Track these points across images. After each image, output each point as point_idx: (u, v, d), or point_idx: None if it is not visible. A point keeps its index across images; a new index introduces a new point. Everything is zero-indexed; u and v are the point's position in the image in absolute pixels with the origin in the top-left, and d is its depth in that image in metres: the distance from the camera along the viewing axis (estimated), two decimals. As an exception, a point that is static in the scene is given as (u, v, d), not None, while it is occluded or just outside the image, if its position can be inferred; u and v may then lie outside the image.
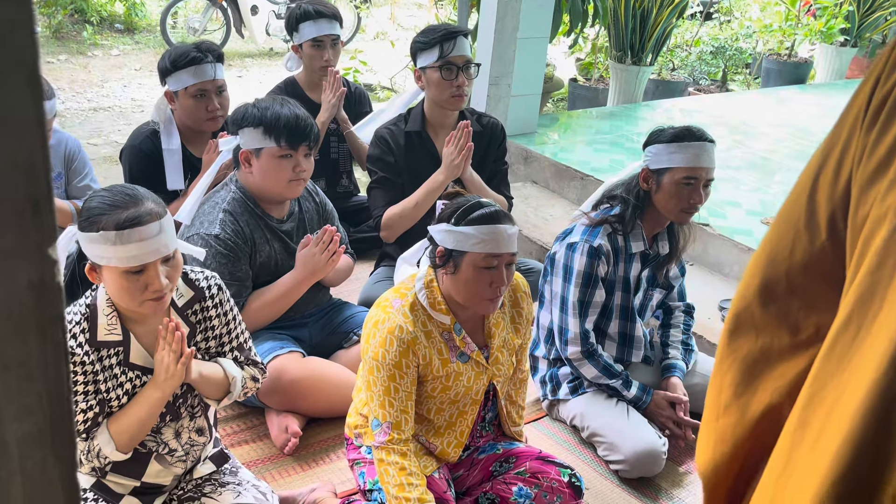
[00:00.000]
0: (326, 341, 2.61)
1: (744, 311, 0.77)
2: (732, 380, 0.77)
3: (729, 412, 0.77)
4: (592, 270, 2.37)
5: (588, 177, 4.19)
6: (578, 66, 6.91)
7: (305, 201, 2.60)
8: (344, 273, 2.70)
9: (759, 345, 0.76)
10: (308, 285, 2.47)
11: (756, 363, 0.76)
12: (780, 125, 5.72)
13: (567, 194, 4.29)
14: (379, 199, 2.93)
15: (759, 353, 0.76)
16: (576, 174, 4.24)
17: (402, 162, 2.94)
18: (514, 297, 2.03)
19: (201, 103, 2.85)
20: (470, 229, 1.78)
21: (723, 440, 0.78)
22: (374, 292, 2.82)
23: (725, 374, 0.78)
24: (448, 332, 1.89)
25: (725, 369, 0.78)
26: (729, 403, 0.78)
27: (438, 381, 1.88)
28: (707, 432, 0.80)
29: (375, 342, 1.82)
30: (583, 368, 2.44)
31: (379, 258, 3.18)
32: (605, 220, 2.42)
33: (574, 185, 4.24)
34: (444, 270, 1.84)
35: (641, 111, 5.80)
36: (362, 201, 3.72)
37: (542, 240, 3.68)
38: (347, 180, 3.72)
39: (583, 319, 2.41)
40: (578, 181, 4.22)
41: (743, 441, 0.76)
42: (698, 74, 7.79)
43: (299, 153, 2.36)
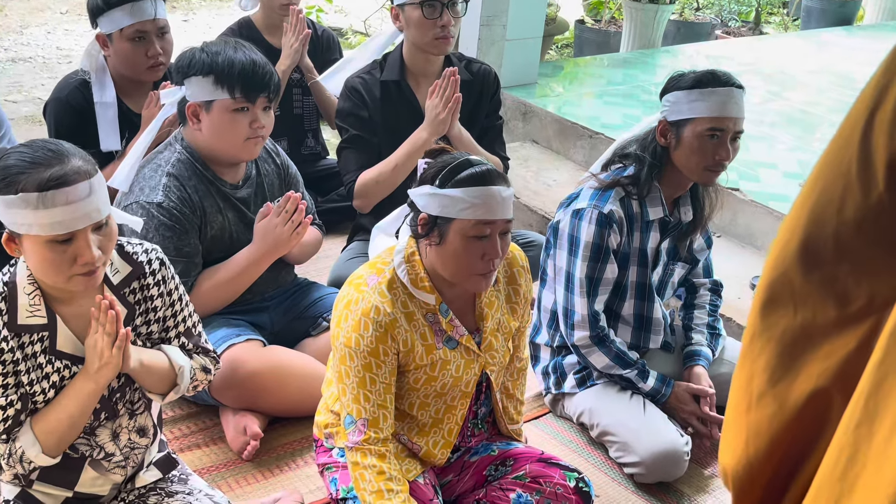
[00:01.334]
0: (291, 328, 2.62)
1: (780, 279, 0.76)
2: (767, 363, 0.77)
3: (764, 402, 0.77)
4: (602, 241, 2.37)
5: (597, 135, 4.17)
6: (586, 5, 6.88)
7: (264, 163, 2.58)
8: (311, 248, 2.69)
9: (800, 320, 0.75)
10: (268, 262, 2.46)
11: (796, 342, 0.75)
12: (822, 73, 5.73)
13: (573, 155, 4.27)
14: (351, 162, 2.92)
15: (800, 329, 0.75)
16: (583, 132, 4.22)
17: (377, 117, 2.93)
18: (509, 273, 2.03)
19: (140, 48, 2.83)
20: (458, 192, 1.78)
21: (757, 435, 0.77)
22: (346, 271, 2.82)
23: (758, 357, 0.78)
24: (433, 314, 1.89)
25: (758, 351, 0.78)
26: (763, 392, 0.77)
27: (422, 370, 1.89)
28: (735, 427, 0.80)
29: (348, 326, 1.82)
30: (592, 357, 2.45)
31: (352, 231, 3.18)
32: (617, 182, 2.41)
33: (581, 145, 4.23)
34: (427, 241, 1.84)
35: (660, 58, 5.79)
36: (331, 165, 3.70)
37: (543, 209, 3.68)
38: (313, 140, 3.70)
39: (591, 299, 2.42)
40: (586, 140, 4.20)
41: (782, 435, 0.76)
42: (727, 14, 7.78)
43: (257, 106, 2.35)
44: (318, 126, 3.73)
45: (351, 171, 2.92)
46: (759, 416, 0.77)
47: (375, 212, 2.89)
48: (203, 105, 2.34)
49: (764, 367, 0.77)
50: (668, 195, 2.45)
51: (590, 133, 4.21)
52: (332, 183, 3.61)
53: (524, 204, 3.70)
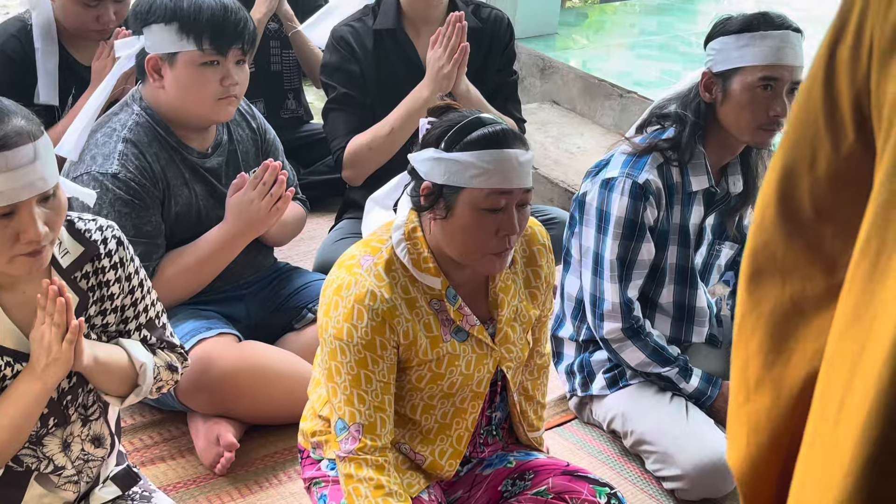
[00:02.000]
0: (270, 320, 2.63)
1: (763, 248, 0.79)
2: (760, 345, 0.79)
3: (761, 390, 0.79)
4: (637, 216, 2.37)
5: (629, 94, 4.17)
6: (614, -58, 6.84)
7: (238, 128, 2.59)
8: (293, 227, 2.70)
9: (788, 293, 0.77)
10: (244, 244, 2.47)
11: (787, 318, 0.78)
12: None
13: (600, 118, 4.27)
14: (339, 126, 2.93)
15: (790, 303, 0.77)
16: (612, 90, 4.22)
17: (370, 72, 2.93)
18: (528, 253, 2.04)
19: (90, 12, 2.87)
20: (468, 156, 1.78)
21: (757, 429, 0.79)
22: (335, 253, 2.75)
23: (750, 339, 0.80)
24: (438, 301, 1.89)
25: (749, 331, 0.80)
26: (760, 378, 0.79)
27: (426, 366, 1.89)
28: (736, 421, 0.81)
29: (338, 315, 1.83)
30: (625, 352, 2.45)
31: (341, 208, 3.18)
32: (655, 145, 2.41)
33: (610, 106, 4.23)
34: (432, 215, 1.84)
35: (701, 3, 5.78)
36: (316, 130, 3.70)
37: (565, 180, 3.67)
38: (295, 102, 3.70)
39: (624, 285, 2.42)
40: (616, 100, 4.20)
41: (784, 426, 0.77)
42: (781, -46, 7.74)
43: (229, 60, 2.35)
44: (300, 85, 3.72)
45: (339, 136, 2.92)
46: (758, 407, 0.79)
47: (369, 184, 2.88)
48: (165, 58, 2.34)
49: (757, 350, 0.79)
50: (714, 162, 2.44)
51: (620, 92, 4.21)
52: (317, 151, 3.61)
53: (543, 175, 3.71)
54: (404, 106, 2.84)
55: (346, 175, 2.96)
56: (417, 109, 2.80)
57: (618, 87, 4.23)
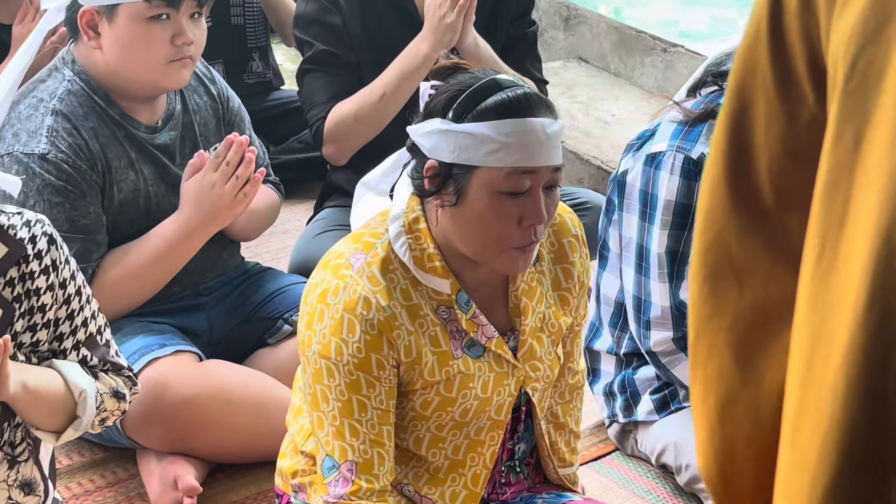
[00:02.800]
0: (238, 334, 2.64)
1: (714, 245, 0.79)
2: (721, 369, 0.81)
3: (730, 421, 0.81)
4: (691, 199, 2.36)
5: (675, 47, 4.19)
6: None
7: (194, 94, 2.59)
8: (264, 217, 2.71)
9: (749, 300, 0.78)
10: (204, 238, 2.47)
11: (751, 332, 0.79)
12: None
13: (639, 79, 4.28)
14: (318, 91, 2.94)
15: (752, 313, 0.78)
16: (653, 44, 4.24)
17: (355, 24, 2.93)
18: (557, 246, 2.04)
19: None
20: (482, 127, 1.78)
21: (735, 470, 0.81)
22: (315, 250, 2.78)
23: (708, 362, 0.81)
24: (448, 308, 1.90)
25: (706, 353, 0.82)
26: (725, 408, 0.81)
27: (433, 389, 1.89)
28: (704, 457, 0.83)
29: (324, 328, 1.83)
30: (677, 368, 2.45)
31: (321, 194, 3.18)
32: (712, 111, 2.39)
33: (651, 63, 4.24)
34: (438, 201, 1.84)
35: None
36: (288, 98, 3.70)
37: (598, 156, 3.68)
38: (261, 63, 3.71)
39: (676, 284, 2.42)
40: (658, 56, 4.21)
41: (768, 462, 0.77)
42: None
43: (182, 13, 2.36)
44: (268, 42, 3.73)
45: (318, 103, 2.92)
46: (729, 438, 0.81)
47: (355, 164, 2.89)
48: (103, 11, 2.35)
49: (718, 374, 0.81)
50: None
51: (663, 46, 4.23)
52: (291, 124, 3.62)
53: (570, 150, 3.74)
54: (399, 64, 2.84)
55: (328, 152, 2.96)
56: (415, 69, 2.81)
57: (660, 40, 4.26)
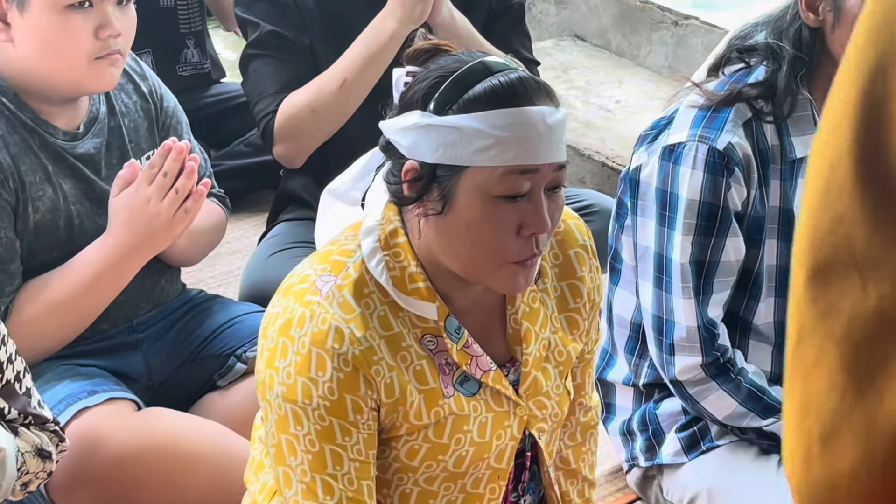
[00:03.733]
0: (182, 376, 2.67)
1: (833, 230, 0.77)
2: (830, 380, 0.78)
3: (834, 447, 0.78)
4: (718, 198, 2.38)
5: (688, 19, 4.20)
6: None
7: (121, 93, 2.61)
8: (209, 237, 2.75)
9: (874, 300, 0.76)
10: (138, 265, 2.49)
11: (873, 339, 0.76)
12: None
13: (646, 58, 4.31)
14: (266, 80, 2.97)
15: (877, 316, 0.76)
16: (662, 16, 4.26)
17: (308, 3, 2.98)
18: (562, 259, 2.05)
19: None
20: (471, 119, 1.78)
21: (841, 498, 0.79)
22: (270, 272, 2.83)
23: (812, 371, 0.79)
24: (435, 337, 1.90)
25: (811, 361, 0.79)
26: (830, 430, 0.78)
27: (421, 435, 1.89)
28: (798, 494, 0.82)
29: (288, 366, 1.82)
30: (707, 400, 2.46)
31: (274, 206, 3.21)
32: (739, 93, 2.41)
33: (661, 39, 4.26)
34: (420, 210, 1.84)
35: None
36: (231, 92, 3.73)
37: (602, 151, 3.69)
38: (197, 51, 3.74)
39: (703, 300, 2.42)
40: (668, 30, 4.23)
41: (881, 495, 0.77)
42: None
43: (107, 0, 2.39)
44: (204, 27, 3.74)
45: (266, 95, 2.96)
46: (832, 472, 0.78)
47: (316, 168, 2.92)
48: (13, 0, 2.36)
49: (826, 388, 0.78)
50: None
51: (674, 18, 4.24)
52: (235, 123, 3.65)
53: (569, 145, 3.63)
54: (361, 45, 2.88)
55: (280, 152, 2.98)
56: (380, 49, 2.85)
57: (670, 12, 4.25)
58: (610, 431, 2.68)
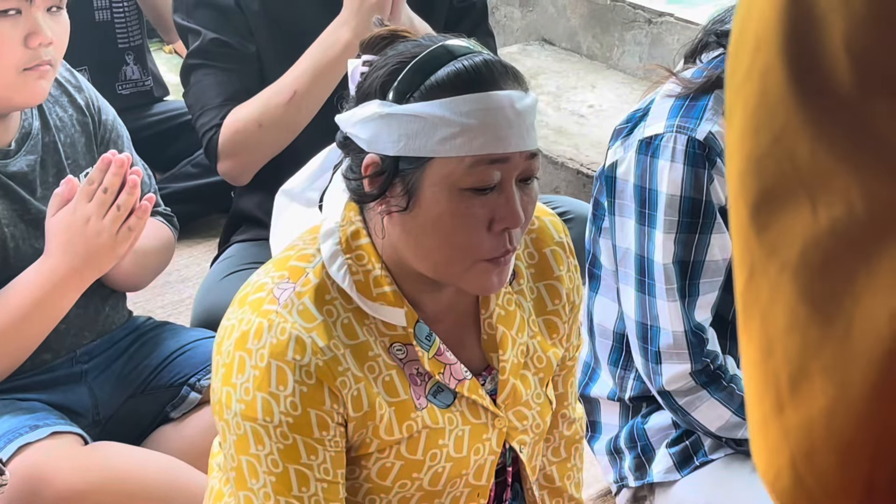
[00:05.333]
0: (132, 410, 2.68)
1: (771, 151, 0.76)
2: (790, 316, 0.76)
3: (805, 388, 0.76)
4: (700, 192, 2.38)
5: (662, 17, 4.36)
6: None
7: (56, 106, 2.64)
8: (156, 258, 2.79)
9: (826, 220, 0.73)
10: (79, 289, 2.49)
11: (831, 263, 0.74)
12: None
13: (620, 60, 4.45)
14: (209, 92, 2.99)
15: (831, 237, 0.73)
16: (635, 14, 4.42)
17: (253, 5, 3.00)
18: (538, 259, 2.07)
19: None
20: (434, 106, 1.78)
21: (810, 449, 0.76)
22: (224, 295, 2.78)
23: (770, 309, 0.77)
24: (404, 345, 1.91)
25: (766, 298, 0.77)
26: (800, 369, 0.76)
27: (393, 451, 1.90)
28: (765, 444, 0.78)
29: (246, 381, 1.82)
30: (699, 410, 2.46)
31: (227, 227, 3.24)
32: (718, 79, 2.40)
33: (634, 39, 4.40)
34: (383, 207, 1.84)
35: None
36: (176, 111, 3.80)
37: (576, 158, 3.80)
38: (137, 67, 3.82)
39: (690, 303, 2.42)
40: (642, 29, 4.38)
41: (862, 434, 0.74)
42: None
43: (36, 6, 2.42)
44: (145, 42, 3.82)
45: (210, 107, 2.96)
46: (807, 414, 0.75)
47: (268, 183, 2.85)
48: None
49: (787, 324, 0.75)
50: None
51: (648, 16, 4.40)
52: (181, 143, 3.74)
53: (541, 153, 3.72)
54: (312, 55, 2.88)
55: (225, 169, 2.99)
56: (333, 61, 2.85)
57: (643, 10, 4.47)
58: (596, 451, 2.68)
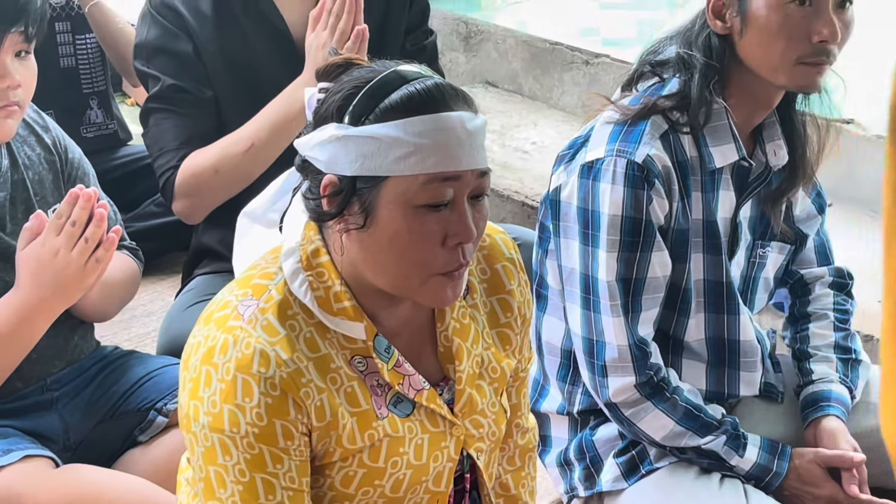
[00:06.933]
0: (101, 434, 2.65)
1: None
2: None
3: None
4: (640, 212, 2.36)
5: (599, 58, 4.34)
6: None
7: (24, 146, 2.62)
8: (122, 288, 2.75)
9: None
10: (49, 318, 2.47)
11: None
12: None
13: (559, 99, 4.43)
14: (167, 135, 2.97)
15: None
16: (573, 57, 4.39)
17: (211, 50, 2.98)
18: (490, 274, 2.06)
19: None
20: (388, 128, 1.78)
21: None
22: (188, 324, 2.80)
23: None
24: (364, 357, 1.90)
25: None
26: None
27: (356, 460, 1.89)
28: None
29: (212, 395, 1.81)
30: (644, 421, 2.44)
31: (189, 262, 3.23)
32: (653, 105, 2.41)
33: (572, 80, 4.38)
34: (342, 225, 1.83)
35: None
36: (140, 154, 3.81)
37: (521, 191, 3.79)
38: (101, 112, 3.82)
39: (633, 318, 2.41)
40: (580, 70, 4.37)
41: None
42: None
43: (5, 50, 2.43)
44: (108, 87, 3.82)
45: (168, 150, 2.95)
46: None
47: (226, 220, 2.82)
48: None
49: None
50: (741, 121, 2.45)
51: (585, 57, 4.38)
52: (144, 184, 3.74)
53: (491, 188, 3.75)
54: (272, 111, 2.87)
55: (179, 208, 2.98)
56: (292, 118, 2.81)
57: (581, 51, 4.41)
58: (547, 464, 2.64)
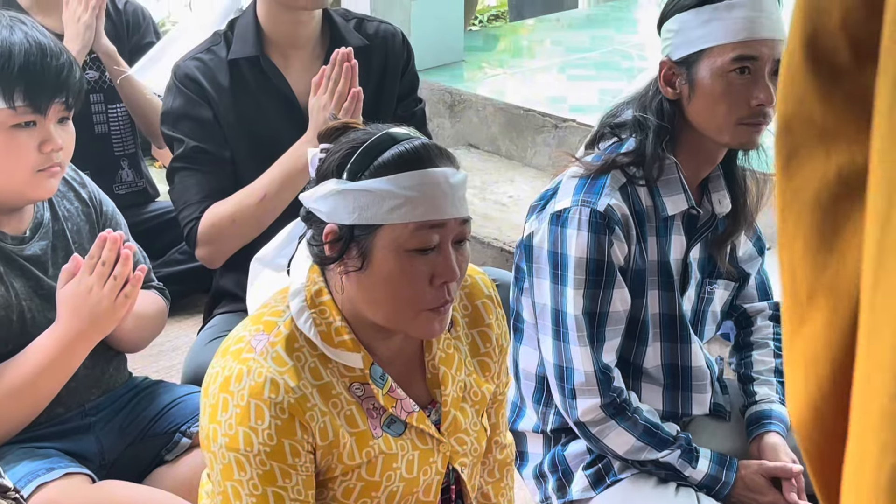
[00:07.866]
0: (133, 454, 2.64)
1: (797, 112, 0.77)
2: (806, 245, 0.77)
3: (815, 307, 0.76)
4: (602, 254, 2.42)
5: (567, 122, 4.33)
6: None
7: (64, 200, 2.64)
8: (152, 322, 2.73)
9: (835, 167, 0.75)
10: (86, 349, 2.48)
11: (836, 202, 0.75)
12: None
13: (532, 158, 4.43)
14: (190, 191, 2.98)
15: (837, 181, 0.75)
16: (543, 121, 4.39)
17: (228, 116, 2.99)
18: (471, 310, 2.09)
19: None
20: (381, 183, 1.82)
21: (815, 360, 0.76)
22: (209, 356, 2.64)
23: (794, 240, 0.78)
24: (361, 384, 1.92)
25: (792, 231, 0.78)
26: (811, 291, 0.77)
27: (355, 474, 1.91)
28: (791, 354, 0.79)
29: (229, 418, 1.83)
30: (608, 437, 2.48)
31: (209, 303, 3.22)
32: (613, 162, 2.48)
33: (543, 141, 4.39)
34: (341, 268, 1.87)
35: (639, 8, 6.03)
36: (165, 209, 3.74)
37: (500, 238, 3.79)
38: (132, 172, 3.76)
39: (597, 347, 2.46)
40: (550, 133, 4.37)
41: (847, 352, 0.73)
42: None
43: (50, 118, 2.41)
44: (137, 149, 3.76)
45: (191, 203, 2.97)
46: (814, 330, 0.76)
47: (242, 266, 2.76)
48: None
49: (803, 252, 0.77)
50: (690, 175, 2.52)
51: (554, 122, 4.36)
52: (169, 235, 3.67)
53: (473, 236, 3.76)
54: (281, 165, 2.88)
55: (201, 254, 3.00)
56: (298, 171, 2.80)
57: (550, 117, 4.37)
58: (524, 477, 2.69)
